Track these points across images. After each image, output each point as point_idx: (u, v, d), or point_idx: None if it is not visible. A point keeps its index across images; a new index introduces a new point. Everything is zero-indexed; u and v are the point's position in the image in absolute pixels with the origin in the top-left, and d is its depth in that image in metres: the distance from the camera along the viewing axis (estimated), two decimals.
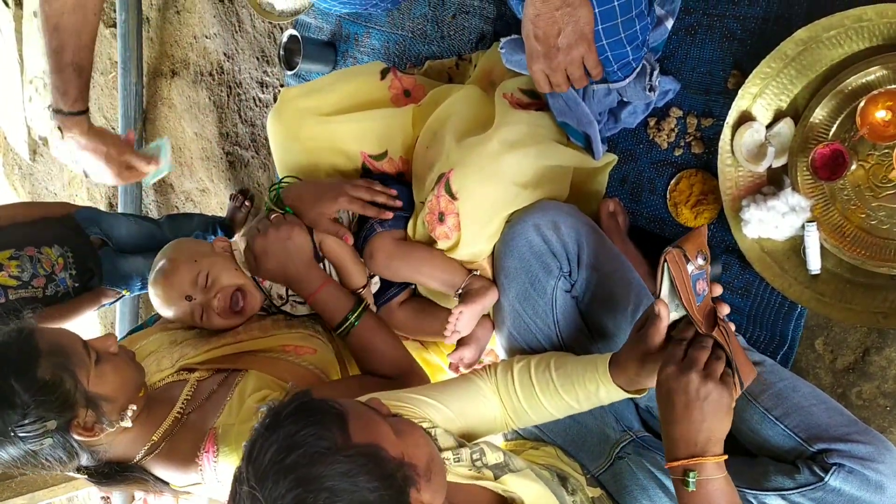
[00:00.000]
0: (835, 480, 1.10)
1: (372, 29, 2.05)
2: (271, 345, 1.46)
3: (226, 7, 2.79)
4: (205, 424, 1.28)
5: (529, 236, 1.33)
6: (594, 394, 1.19)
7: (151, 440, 1.28)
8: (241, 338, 1.48)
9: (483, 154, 1.34)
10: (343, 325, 1.45)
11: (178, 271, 1.47)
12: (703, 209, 1.46)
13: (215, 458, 1.22)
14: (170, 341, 1.51)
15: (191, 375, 1.38)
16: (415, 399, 1.19)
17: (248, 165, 2.89)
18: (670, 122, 1.49)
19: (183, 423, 1.31)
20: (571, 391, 1.21)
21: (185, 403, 1.33)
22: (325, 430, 0.82)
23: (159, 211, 3.53)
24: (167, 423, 1.29)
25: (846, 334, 1.39)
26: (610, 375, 1.16)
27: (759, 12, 1.36)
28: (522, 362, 1.28)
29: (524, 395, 1.25)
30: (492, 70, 1.64)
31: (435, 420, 1.17)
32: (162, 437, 1.28)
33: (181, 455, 1.26)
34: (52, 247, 2.24)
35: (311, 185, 1.57)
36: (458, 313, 1.34)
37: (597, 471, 1.37)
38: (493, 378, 1.29)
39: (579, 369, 1.21)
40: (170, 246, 1.56)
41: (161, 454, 1.28)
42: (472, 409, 1.25)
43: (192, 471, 1.25)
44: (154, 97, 3.32)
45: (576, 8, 1.11)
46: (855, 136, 1.23)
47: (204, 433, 1.26)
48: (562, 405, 1.23)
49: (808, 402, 1.21)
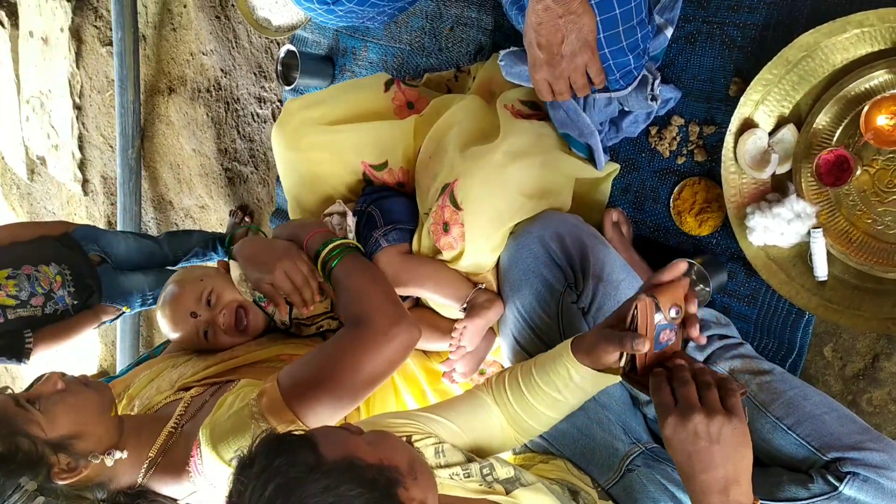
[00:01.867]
0: (849, 489, 1.09)
1: (370, 42, 2.04)
2: (267, 356, 1.46)
3: (222, 23, 2.79)
4: (194, 432, 1.26)
5: (534, 248, 1.33)
6: (569, 379, 1.16)
7: (148, 457, 1.27)
8: (238, 353, 1.48)
9: (488, 164, 1.34)
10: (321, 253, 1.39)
11: (184, 290, 1.51)
12: (708, 217, 1.45)
13: (200, 460, 1.21)
14: (170, 366, 1.51)
15: (186, 394, 1.38)
16: (421, 416, 1.18)
17: (247, 181, 2.89)
18: (672, 130, 1.48)
19: (177, 436, 1.30)
20: (550, 382, 1.19)
21: (179, 418, 1.32)
22: (297, 456, 0.83)
23: (158, 228, 3.52)
24: (161, 438, 1.28)
25: (855, 341, 1.38)
26: (573, 356, 1.14)
27: (760, 19, 1.36)
28: (513, 368, 1.27)
29: (515, 399, 1.24)
30: (491, 81, 1.64)
31: (441, 436, 1.16)
32: (158, 452, 1.27)
33: (175, 466, 1.25)
34: (49, 265, 2.24)
35: (260, 246, 1.51)
36: (461, 328, 1.33)
37: (607, 484, 1.35)
38: (493, 389, 1.27)
39: (551, 359, 1.19)
40: (177, 272, 1.61)
41: (159, 470, 1.27)
42: (479, 424, 1.24)
43: (185, 479, 1.23)
44: (152, 114, 3.32)
45: (579, 16, 1.10)
46: (859, 141, 1.22)
47: (192, 440, 1.24)
48: (548, 400, 1.21)
49: (820, 410, 1.20)
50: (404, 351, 1.27)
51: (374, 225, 1.54)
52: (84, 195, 4.00)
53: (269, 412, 1.18)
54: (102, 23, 3.55)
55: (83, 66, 3.75)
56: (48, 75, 3.96)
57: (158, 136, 3.32)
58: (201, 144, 3.08)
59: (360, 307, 1.28)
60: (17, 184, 4.70)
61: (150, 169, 3.44)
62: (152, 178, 3.46)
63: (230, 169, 2.96)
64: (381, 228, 1.52)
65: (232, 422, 1.20)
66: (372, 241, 1.52)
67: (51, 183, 4.32)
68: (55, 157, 4.11)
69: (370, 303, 1.28)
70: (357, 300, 1.30)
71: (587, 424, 1.35)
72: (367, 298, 1.29)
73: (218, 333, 1.49)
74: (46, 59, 3.93)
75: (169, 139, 3.27)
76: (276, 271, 1.40)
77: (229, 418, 1.22)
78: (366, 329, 1.24)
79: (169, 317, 1.52)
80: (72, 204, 4.19)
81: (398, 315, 1.27)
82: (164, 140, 3.30)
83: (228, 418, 1.22)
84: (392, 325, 1.25)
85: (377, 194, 1.61)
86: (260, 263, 1.45)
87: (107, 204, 3.84)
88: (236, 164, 2.91)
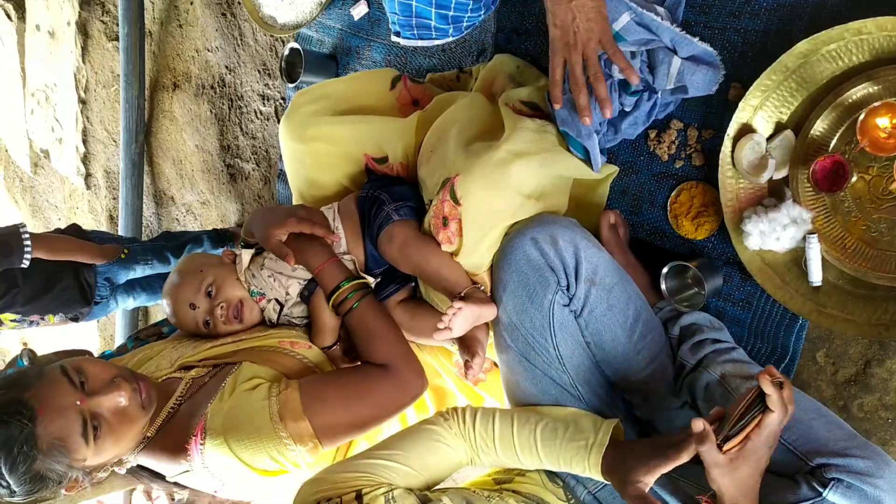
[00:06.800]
0: (833, 495, 1.09)
1: (374, 42, 2.05)
2: (268, 343, 1.47)
3: (228, 21, 2.80)
4: (195, 413, 1.29)
5: (527, 249, 1.32)
6: (577, 471, 1.23)
7: (146, 436, 1.29)
8: (240, 336, 1.50)
9: (490, 162, 1.34)
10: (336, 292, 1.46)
11: (185, 280, 1.53)
12: (704, 221, 1.46)
13: (202, 443, 1.23)
14: (171, 347, 1.53)
15: (187, 374, 1.39)
16: (371, 465, 1.20)
17: (248, 178, 2.90)
18: (671, 134, 1.49)
19: (174, 414, 1.32)
20: (555, 464, 1.25)
21: (180, 398, 1.34)
22: None
23: (159, 223, 3.53)
24: (161, 418, 1.31)
25: (848, 346, 1.38)
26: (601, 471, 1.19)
27: (760, 25, 1.37)
28: (505, 418, 1.30)
29: (503, 449, 1.28)
30: (493, 81, 1.65)
31: (395, 482, 1.18)
32: (157, 431, 1.30)
33: (171, 444, 1.28)
34: (56, 315, 2.45)
35: (267, 209, 1.62)
36: (456, 308, 1.32)
37: (595, 488, 1.35)
38: (465, 425, 1.31)
39: (568, 453, 1.23)
40: (182, 259, 1.65)
41: (152, 445, 1.30)
42: (434, 460, 1.27)
43: (181, 458, 1.25)
44: (156, 110, 3.34)
45: None
46: (855, 148, 1.23)
47: (193, 421, 1.27)
48: (540, 466, 1.28)
49: (808, 415, 1.20)
50: (414, 400, 1.43)
51: (382, 203, 1.55)
52: (87, 189, 4.01)
53: (288, 418, 1.25)
54: (109, 18, 3.57)
55: (89, 60, 3.76)
56: (54, 69, 3.97)
57: (162, 132, 3.34)
58: (204, 140, 3.09)
59: (388, 351, 1.43)
60: (20, 176, 4.71)
61: (153, 164, 3.46)
62: (155, 174, 3.47)
63: (232, 165, 2.97)
64: (391, 203, 1.54)
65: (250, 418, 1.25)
66: (383, 215, 1.52)
67: (54, 176, 4.33)
68: (59, 150, 4.12)
69: (397, 351, 1.43)
70: (384, 342, 1.44)
71: None
72: (395, 345, 1.44)
73: (217, 324, 1.51)
74: (52, 52, 3.95)
75: (172, 135, 3.28)
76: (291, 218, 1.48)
77: (247, 413, 1.26)
78: (395, 377, 1.39)
79: (169, 305, 1.55)
80: (74, 197, 4.20)
81: (419, 369, 1.44)
82: (168, 135, 3.31)
83: (246, 412, 1.26)
84: (416, 377, 1.41)
85: (383, 181, 1.63)
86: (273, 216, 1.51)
87: (109, 198, 3.85)
88: (238, 160, 2.92)
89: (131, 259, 2.58)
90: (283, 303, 1.55)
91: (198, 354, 1.45)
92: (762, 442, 1.04)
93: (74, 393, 1.18)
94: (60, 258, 2.32)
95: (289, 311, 1.56)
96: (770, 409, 1.04)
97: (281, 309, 1.56)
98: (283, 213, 1.51)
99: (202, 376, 1.38)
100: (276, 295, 1.55)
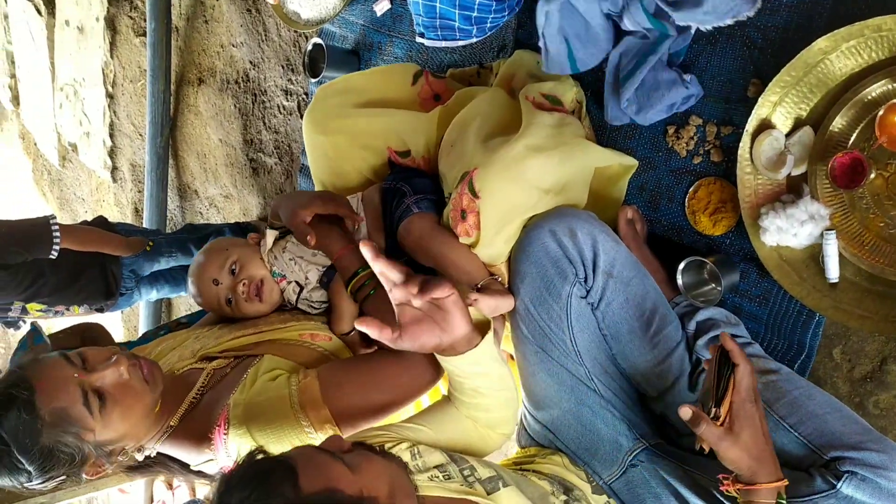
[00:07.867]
0: (847, 488, 1.09)
1: (395, 38, 2.07)
2: (289, 335, 1.50)
3: (253, 17, 2.84)
4: (218, 403, 1.31)
5: (545, 241, 1.33)
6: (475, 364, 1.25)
7: (169, 425, 1.32)
8: (261, 328, 1.52)
9: (508, 156, 1.35)
10: (354, 278, 1.48)
11: (210, 258, 1.58)
12: (722, 217, 1.46)
13: (226, 433, 1.26)
14: (193, 337, 1.56)
15: (209, 364, 1.42)
16: (394, 427, 1.24)
17: (271, 172, 2.93)
18: (690, 129, 1.49)
19: (197, 405, 1.35)
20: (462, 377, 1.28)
21: (202, 388, 1.37)
22: (274, 490, 0.81)
23: (183, 216, 3.58)
24: (183, 407, 1.34)
25: (864, 343, 1.38)
26: None
27: (780, 21, 1.37)
28: None
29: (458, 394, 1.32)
30: (513, 77, 1.66)
31: (418, 439, 1.20)
32: (179, 420, 1.33)
33: (195, 433, 1.30)
34: (81, 306, 2.50)
35: (295, 193, 1.69)
36: (473, 299, 1.33)
37: (610, 478, 1.36)
38: None
39: None
40: (208, 243, 1.68)
41: (175, 434, 1.32)
42: (451, 426, 1.30)
43: (205, 448, 1.28)
44: (181, 104, 3.38)
45: None
46: (874, 144, 1.23)
47: (216, 412, 1.29)
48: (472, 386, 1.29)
49: (823, 410, 1.20)
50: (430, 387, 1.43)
51: (403, 195, 1.58)
52: (113, 182, 4.08)
53: (308, 406, 1.27)
54: (137, 14, 3.63)
55: (117, 55, 3.82)
56: (82, 64, 4.04)
57: (187, 126, 3.38)
58: (228, 135, 3.13)
59: None
60: (49, 169, 4.79)
61: (178, 158, 3.50)
62: (179, 167, 3.52)
63: (255, 160, 3.01)
64: (412, 196, 1.56)
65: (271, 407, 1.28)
66: (403, 207, 1.55)
67: (81, 169, 4.40)
68: (86, 144, 4.19)
69: None
70: None
71: (591, 420, 1.37)
72: None
73: (240, 302, 1.55)
74: (81, 47, 4.01)
75: (197, 129, 3.33)
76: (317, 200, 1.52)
77: (268, 402, 1.28)
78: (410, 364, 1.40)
79: (194, 283, 1.59)
80: (101, 190, 4.26)
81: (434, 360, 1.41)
82: (192, 130, 3.36)
83: (267, 402, 1.28)
84: (431, 364, 1.39)
85: (405, 173, 1.66)
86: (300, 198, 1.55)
87: (134, 191, 3.91)
88: (261, 154, 2.96)
89: (156, 251, 2.63)
90: (304, 285, 1.59)
91: (219, 346, 1.48)
92: (745, 398, 1.07)
93: (72, 368, 1.20)
94: (88, 249, 2.37)
95: (308, 294, 1.59)
96: (735, 364, 1.07)
97: (300, 291, 1.59)
98: (310, 196, 1.56)
99: (224, 367, 1.41)
100: (296, 277, 1.58)
